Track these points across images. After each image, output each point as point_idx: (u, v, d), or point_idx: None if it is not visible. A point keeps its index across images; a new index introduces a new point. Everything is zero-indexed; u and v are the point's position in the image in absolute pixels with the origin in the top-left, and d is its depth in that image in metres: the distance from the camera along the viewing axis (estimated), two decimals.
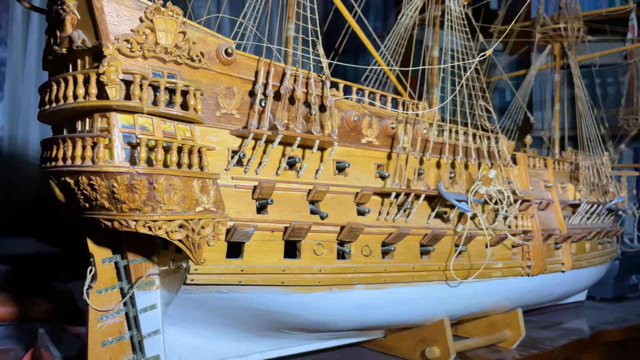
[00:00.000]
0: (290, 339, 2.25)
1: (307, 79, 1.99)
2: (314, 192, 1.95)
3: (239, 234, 1.76)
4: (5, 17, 4.48)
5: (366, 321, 2.22)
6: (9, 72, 4.37)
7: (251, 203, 1.86)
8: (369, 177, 2.18)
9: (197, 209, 1.69)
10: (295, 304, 1.97)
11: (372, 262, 2.09)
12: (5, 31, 4.45)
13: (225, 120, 1.85)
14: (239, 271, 1.81)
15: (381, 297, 2.14)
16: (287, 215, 1.91)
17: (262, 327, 2.08)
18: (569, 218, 3.06)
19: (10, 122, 4.39)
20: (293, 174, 1.97)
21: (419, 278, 2.23)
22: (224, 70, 1.85)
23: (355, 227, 1.98)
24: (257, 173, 1.88)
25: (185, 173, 1.64)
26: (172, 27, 1.73)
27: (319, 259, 1.97)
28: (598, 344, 3.28)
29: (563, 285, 3.00)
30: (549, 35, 3.71)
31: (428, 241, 2.23)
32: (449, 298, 2.37)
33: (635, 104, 4.57)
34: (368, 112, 2.21)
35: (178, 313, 1.91)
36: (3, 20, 4.47)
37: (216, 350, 2.05)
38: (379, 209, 2.16)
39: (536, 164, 2.95)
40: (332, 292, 2.02)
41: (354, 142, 2.16)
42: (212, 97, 1.82)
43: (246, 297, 1.89)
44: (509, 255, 2.59)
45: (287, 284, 1.91)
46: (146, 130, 1.65)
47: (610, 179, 3.51)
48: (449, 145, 2.38)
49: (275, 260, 1.88)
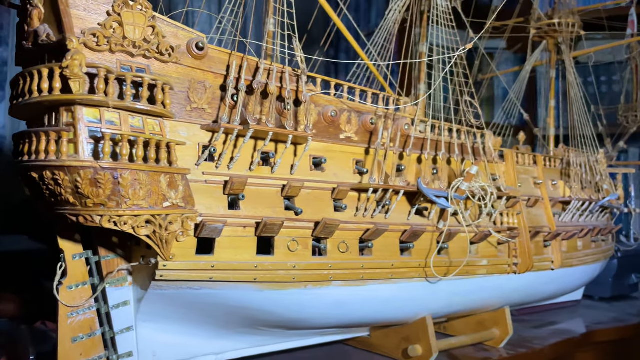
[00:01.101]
0: (269, 336, 2.23)
1: (282, 74, 1.97)
2: (289, 187, 1.93)
3: (208, 230, 1.74)
4: (7, 18, 4.50)
5: (345, 318, 2.19)
6: (10, 72, 4.38)
7: (223, 199, 1.84)
8: (348, 173, 2.15)
9: (164, 204, 1.67)
10: (269, 301, 1.95)
11: (349, 259, 2.07)
12: (6, 32, 4.47)
13: (197, 115, 1.84)
14: (209, 267, 1.80)
15: (359, 294, 2.12)
16: (260, 211, 1.89)
17: (239, 324, 2.06)
18: (559, 215, 3.01)
19: (12, 121, 4.41)
20: (267, 169, 1.95)
21: (398, 275, 2.20)
22: (195, 64, 1.84)
23: (330, 224, 1.96)
24: (229, 168, 1.86)
25: (151, 168, 1.63)
26: (140, 20, 1.71)
27: (294, 256, 1.94)
28: (592, 344, 3.24)
29: (553, 283, 2.95)
30: (543, 30, 3.66)
31: (407, 238, 2.20)
32: (431, 295, 2.34)
33: (635, 101, 4.50)
34: (347, 107, 2.19)
35: (150, 309, 1.90)
36: (5, 20, 4.49)
37: (192, 347, 2.04)
38: (356, 205, 2.13)
39: (525, 160, 2.91)
40: (307, 288, 1.99)
41: (332, 137, 2.13)
42: (182, 91, 1.81)
43: (218, 293, 1.88)
44: (494, 252, 2.55)
45: (260, 280, 1.89)
46: (113, 125, 1.64)
47: (605, 176, 3.46)
48: (430, 141, 2.35)
49: (248, 257, 1.86)
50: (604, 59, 4.94)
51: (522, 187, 2.80)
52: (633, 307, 3.99)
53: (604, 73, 5.68)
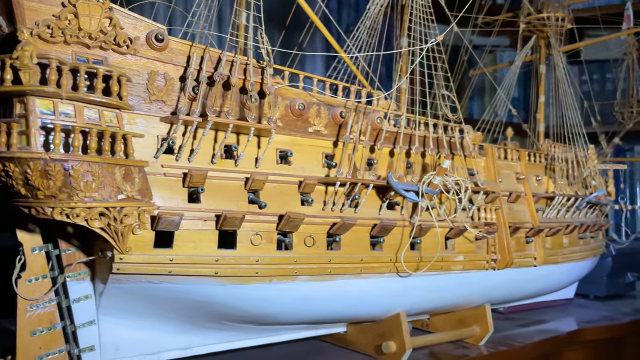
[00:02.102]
0: (240, 332, 2.21)
1: (246, 66, 1.95)
2: (252, 181, 1.91)
3: (165, 223, 1.72)
4: None
5: (313, 314, 2.17)
6: None
7: (182, 191, 1.82)
8: (316, 166, 2.13)
9: (119, 196, 1.66)
10: (232, 295, 1.93)
11: (316, 253, 2.04)
12: None
13: (157, 107, 1.82)
14: (167, 261, 1.78)
15: (327, 289, 2.09)
16: (222, 204, 1.87)
17: (204, 318, 2.04)
18: (543, 211, 2.96)
19: None
20: (231, 162, 1.93)
21: (368, 270, 2.17)
22: (155, 56, 1.82)
23: (294, 217, 1.93)
24: (189, 161, 1.84)
25: (104, 160, 1.61)
26: (97, 12, 1.70)
27: (257, 250, 1.92)
28: (580, 343, 3.19)
29: (536, 280, 2.90)
30: (532, 25, 3.62)
31: (378, 232, 2.17)
32: (404, 291, 2.30)
33: (631, 96, 4.43)
34: (316, 100, 2.16)
35: (112, 303, 1.88)
36: None
37: (156, 342, 2.02)
38: (325, 199, 2.10)
39: (508, 155, 2.87)
40: (272, 283, 1.97)
41: (300, 130, 2.11)
42: (141, 83, 1.79)
43: (179, 288, 1.86)
44: (471, 248, 2.51)
45: (222, 274, 1.87)
46: (67, 117, 1.63)
47: (595, 172, 3.40)
48: (404, 134, 2.32)
49: (208, 251, 1.84)
50: (603, 55, 4.88)
51: (503, 183, 2.76)
52: (627, 306, 3.93)
53: (607, 70, 5.62)
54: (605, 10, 4.75)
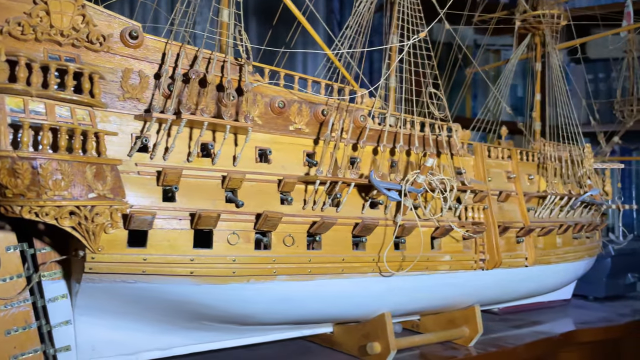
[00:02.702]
0: (222, 332, 2.19)
1: (224, 63, 1.93)
2: (229, 179, 1.89)
3: (137, 222, 1.70)
4: None
5: (294, 314, 2.14)
6: None
7: (157, 190, 1.80)
8: (297, 165, 2.10)
9: (89, 195, 1.64)
10: (209, 295, 1.91)
11: (295, 253, 2.02)
12: None
13: (131, 104, 1.80)
14: (141, 260, 1.76)
15: (307, 289, 2.06)
16: (197, 203, 1.85)
17: (184, 319, 2.02)
18: (536, 211, 2.91)
19: None
20: (208, 160, 1.91)
21: (350, 270, 2.14)
22: (129, 53, 1.81)
23: (271, 216, 1.91)
24: (164, 159, 1.82)
25: (74, 158, 1.60)
26: (69, 9, 1.69)
27: (234, 249, 1.90)
28: (574, 344, 3.14)
29: (528, 281, 2.86)
30: (528, 22, 3.57)
31: (359, 231, 2.14)
32: (388, 291, 2.27)
33: (631, 94, 4.37)
34: (298, 98, 2.14)
35: (87, 303, 1.87)
36: None
37: (135, 342, 2.00)
38: (305, 197, 2.08)
39: (499, 154, 2.83)
40: (250, 283, 1.95)
41: (280, 128, 2.09)
42: (115, 81, 1.78)
43: (155, 287, 1.84)
44: (458, 248, 2.48)
45: (198, 274, 1.85)
46: (38, 115, 1.61)
47: (590, 171, 3.35)
48: (388, 133, 2.29)
49: (183, 250, 1.82)
50: (609, 54, 4.80)
51: (493, 181, 2.72)
52: (626, 307, 3.87)
53: (602, 70, 5.57)
54: (609, 8, 4.69)
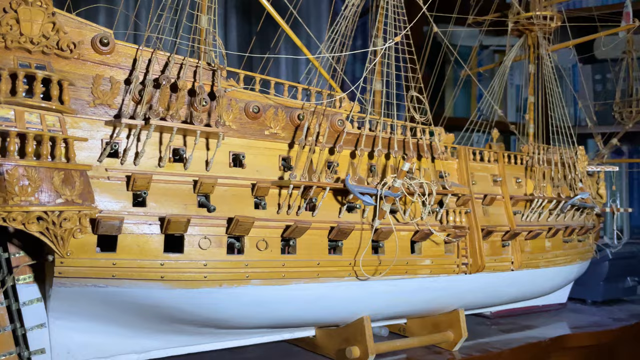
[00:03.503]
0: (201, 336, 2.20)
1: (196, 68, 1.94)
2: (200, 184, 1.90)
3: (105, 227, 1.72)
4: None
5: (269, 318, 2.14)
6: None
7: (127, 195, 1.82)
8: (273, 169, 2.11)
9: (57, 200, 1.66)
10: (181, 300, 1.92)
11: (269, 257, 2.02)
12: None
13: (102, 110, 1.82)
14: (110, 265, 1.78)
15: (282, 293, 2.07)
16: (169, 208, 1.87)
17: (159, 323, 2.04)
18: (525, 215, 2.89)
19: None
20: (180, 165, 1.92)
21: (326, 274, 2.14)
22: (101, 60, 1.83)
23: (243, 221, 1.92)
24: (135, 164, 1.84)
25: (41, 164, 1.62)
26: (39, 17, 1.72)
27: (205, 254, 1.91)
28: (566, 349, 3.11)
29: (515, 285, 2.83)
30: (521, 24, 3.54)
31: (335, 235, 2.14)
32: (366, 296, 2.27)
33: (630, 95, 4.32)
34: (273, 102, 2.15)
35: (61, 307, 1.89)
36: None
37: (110, 345, 2.02)
38: (279, 202, 2.08)
39: (484, 157, 2.81)
40: (222, 287, 1.95)
41: (256, 133, 2.10)
42: (86, 87, 1.80)
43: (126, 292, 1.85)
44: (440, 252, 2.47)
45: (168, 279, 1.86)
46: (7, 121, 1.63)
47: (583, 174, 3.32)
48: (366, 137, 2.29)
49: (153, 254, 1.83)
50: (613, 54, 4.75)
51: (478, 185, 2.70)
52: (623, 311, 3.83)
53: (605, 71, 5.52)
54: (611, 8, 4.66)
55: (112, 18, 3.18)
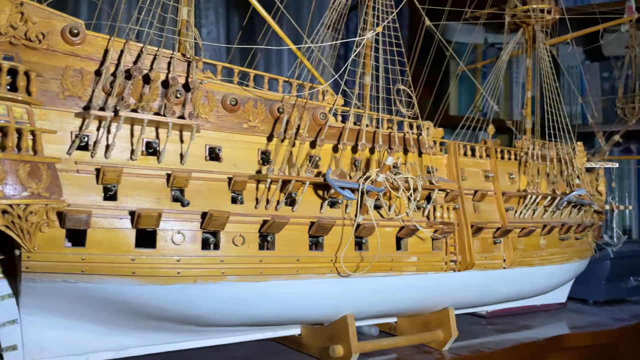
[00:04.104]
0: (181, 333, 2.16)
1: (170, 59, 1.90)
2: (173, 178, 1.85)
3: (72, 221, 1.68)
4: None
5: (248, 316, 2.09)
6: None
7: (97, 189, 1.78)
8: (251, 163, 2.06)
9: (23, 194, 1.62)
10: (154, 296, 1.88)
11: (246, 253, 1.97)
12: None
13: (72, 102, 1.79)
14: (79, 260, 1.74)
15: (260, 290, 2.01)
16: (140, 202, 1.82)
17: (135, 320, 1.99)
18: (518, 211, 2.82)
19: None
20: (154, 159, 1.88)
21: (306, 271, 2.09)
22: (71, 51, 1.79)
23: (217, 215, 1.87)
24: (107, 157, 1.80)
25: (5, 156, 1.58)
26: (6, 7, 1.68)
27: (179, 249, 1.86)
28: (562, 349, 3.03)
29: (507, 283, 2.76)
30: (518, 17, 3.47)
31: (315, 231, 2.09)
32: (349, 293, 2.21)
33: (633, 91, 4.23)
34: (253, 95, 2.10)
35: (32, 303, 1.85)
36: None
37: (85, 342, 1.98)
38: (257, 196, 2.03)
39: (476, 152, 2.74)
40: (197, 284, 1.91)
41: (234, 126, 2.05)
42: (56, 78, 1.76)
43: (97, 287, 1.81)
44: (427, 248, 2.40)
45: (140, 274, 1.82)
46: None
47: (581, 170, 3.24)
48: (349, 131, 2.23)
49: (124, 249, 1.79)
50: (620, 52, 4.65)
51: (468, 181, 2.64)
52: (625, 311, 3.74)
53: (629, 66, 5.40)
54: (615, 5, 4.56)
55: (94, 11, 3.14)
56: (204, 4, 5.38)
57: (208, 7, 5.19)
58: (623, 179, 5.89)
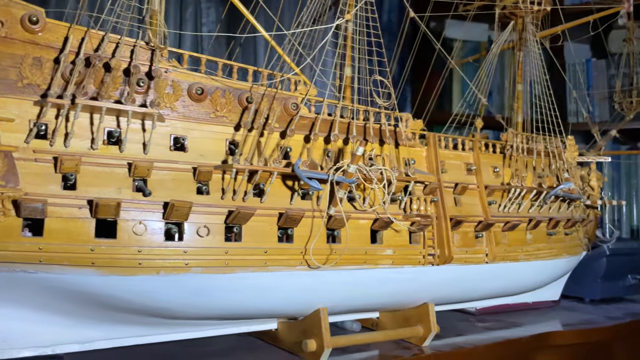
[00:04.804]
0: (150, 326, 2.13)
1: (134, 48, 1.88)
2: (135, 167, 1.83)
3: (28, 209, 1.66)
4: None
5: (215, 308, 2.06)
6: None
7: (55, 178, 1.76)
8: (219, 153, 2.03)
9: None
10: (116, 287, 1.85)
11: (210, 244, 1.94)
12: None
13: (31, 90, 1.77)
14: (36, 249, 1.72)
15: (226, 282, 1.98)
16: (100, 191, 1.80)
17: (102, 312, 1.97)
18: (500, 205, 2.76)
19: None
20: (116, 148, 1.86)
21: (275, 263, 2.05)
22: (30, 39, 1.77)
23: (179, 205, 1.84)
24: (66, 146, 1.77)
25: None
26: None
27: (140, 239, 1.84)
28: (551, 347, 2.97)
29: (490, 278, 2.70)
30: (508, 9, 3.41)
31: (284, 223, 2.05)
32: (321, 286, 2.17)
33: (630, 84, 4.14)
34: (221, 85, 2.07)
35: None
36: None
37: (51, 335, 1.96)
38: (223, 187, 2.00)
39: (458, 145, 2.69)
40: (160, 275, 1.88)
41: (201, 116, 2.02)
42: (14, 66, 1.75)
43: (57, 278, 1.79)
44: (403, 241, 2.36)
45: (100, 265, 1.79)
46: None
47: (572, 165, 3.17)
48: (322, 121, 2.20)
49: (83, 239, 1.77)
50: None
51: (449, 173, 2.58)
52: (621, 309, 3.67)
53: (636, 63, 5.31)
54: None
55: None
56: (205, 3, 5.38)
57: (209, 7, 5.17)
58: (631, 177, 5.79)
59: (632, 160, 5.53)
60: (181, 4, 5.44)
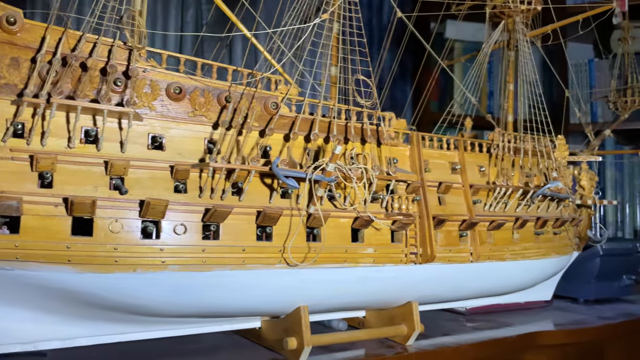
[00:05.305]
0: (132, 324, 2.14)
1: (111, 47, 1.90)
2: (111, 166, 1.85)
3: (2, 207, 1.68)
4: None
5: (194, 306, 2.07)
6: None
7: (32, 176, 1.78)
8: (197, 152, 2.05)
9: None
10: (93, 285, 1.87)
11: (187, 242, 1.96)
12: None
13: (8, 90, 1.79)
14: (12, 247, 1.74)
15: (203, 280, 1.99)
16: (76, 189, 1.82)
17: (82, 309, 1.99)
18: (485, 204, 2.76)
19: None
20: (93, 147, 1.88)
21: (253, 261, 2.06)
22: (7, 39, 1.80)
23: (155, 203, 1.86)
24: (43, 145, 1.80)
25: None
26: None
27: (117, 237, 1.86)
28: (538, 347, 2.96)
29: (475, 278, 2.70)
30: (498, 9, 3.41)
31: (262, 221, 2.06)
32: (301, 284, 2.18)
33: (625, 83, 4.12)
34: (200, 84, 2.09)
35: None
36: None
37: (31, 332, 1.98)
38: (201, 185, 2.02)
39: (443, 144, 2.69)
40: (137, 272, 1.90)
41: (179, 115, 2.04)
42: None
43: (34, 275, 1.81)
44: (385, 240, 2.36)
45: (76, 262, 1.81)
46: None
47: (562, 164, 3.16)
48: (302, 120, 2.21)
49: (59, 237, 1.79)
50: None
51: (433, 172, 2.59)
52: (614, 310, 3.65)
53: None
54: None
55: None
56: (206, 4, 5.41)
57: (210, 8, 5.20)
58: (634, 177, 5.77)
59: (635, 160, 5.51)
60: (182, 6, 5.47)
